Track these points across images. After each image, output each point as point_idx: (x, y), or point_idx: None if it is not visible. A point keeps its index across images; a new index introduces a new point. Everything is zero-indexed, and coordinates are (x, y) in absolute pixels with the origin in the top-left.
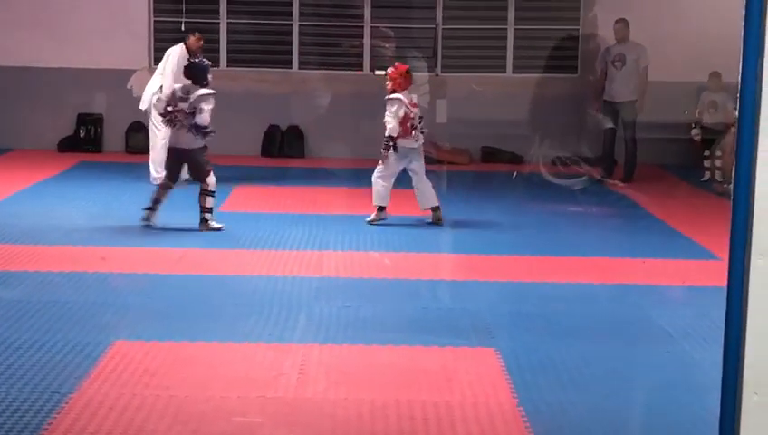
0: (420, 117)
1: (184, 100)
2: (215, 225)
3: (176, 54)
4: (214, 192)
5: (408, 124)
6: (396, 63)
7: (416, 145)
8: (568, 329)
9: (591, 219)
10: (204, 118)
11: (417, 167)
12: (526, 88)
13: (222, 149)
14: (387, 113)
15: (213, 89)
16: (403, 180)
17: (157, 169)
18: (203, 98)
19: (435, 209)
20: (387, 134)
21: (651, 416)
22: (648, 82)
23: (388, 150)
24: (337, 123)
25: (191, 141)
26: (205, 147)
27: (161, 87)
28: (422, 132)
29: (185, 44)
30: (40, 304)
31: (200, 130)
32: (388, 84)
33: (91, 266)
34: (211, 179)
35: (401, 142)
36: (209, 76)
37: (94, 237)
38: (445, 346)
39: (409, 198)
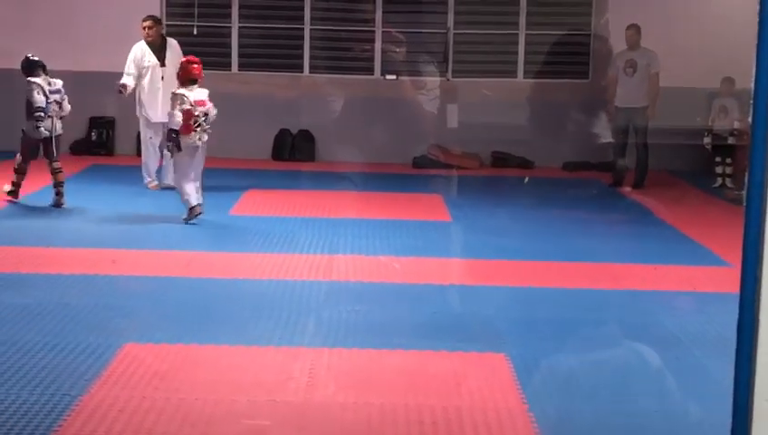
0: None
1: None
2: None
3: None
4: None
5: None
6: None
7: (199, 143)
8: (578, 335)
9: (602, 225)
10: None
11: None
12: (537, 93)
13: (233, 152)
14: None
15: (225, 93)
16: (409, 184)
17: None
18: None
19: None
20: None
21: (661, 422)
22: (660, 88)
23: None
24: (348, 127)
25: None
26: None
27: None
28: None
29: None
30: (50, 306)
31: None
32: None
33: (101, 269)
34: None
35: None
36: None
37: (105, 240)
38: (454, 351)
39: (419, 202)
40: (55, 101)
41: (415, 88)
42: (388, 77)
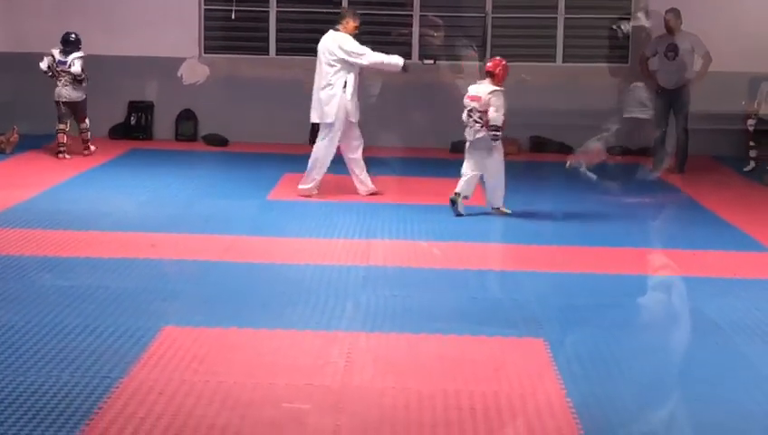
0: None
1: None
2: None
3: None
4: None
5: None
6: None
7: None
8: (617, 320)
9: (642, 210)
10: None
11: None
12: (576, 77)
13: (270, 137)
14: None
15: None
16: (447, 169)
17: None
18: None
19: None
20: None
21: (700, 409)
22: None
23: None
24: (385, 112)
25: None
26: None
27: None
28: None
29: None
30: (91, 289)
31: None
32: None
33: (141, 253)
34: None
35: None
36: None
37: (144, 224)
38: (493, 336)
39: (454, 186)
40: (63, 70)
41: (453, 72)
42: (426, 61)
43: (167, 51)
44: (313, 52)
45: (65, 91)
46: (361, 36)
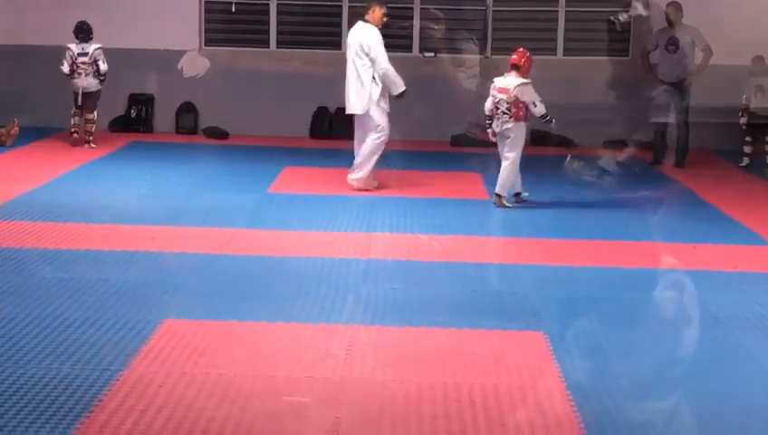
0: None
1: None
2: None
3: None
4: None
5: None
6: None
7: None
8: (616, 313)
9: (642, 204)
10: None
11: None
12: (577, 70)
13: (271, 130)
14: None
15: (263, 70)
16: (447, 162)
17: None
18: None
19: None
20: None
21: (700, 402)
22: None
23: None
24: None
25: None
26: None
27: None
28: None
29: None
30: (91, 282)
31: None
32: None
33: (141, 246)
34: None
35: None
36: None
37: (145, 217)
38: (492, 329)
39: (457, 180)
40: (83, 63)
41: (453, 66)
42: (427, 54)
43: (167, 43)
44: (314, 44)
45: (86, 82)
46: None
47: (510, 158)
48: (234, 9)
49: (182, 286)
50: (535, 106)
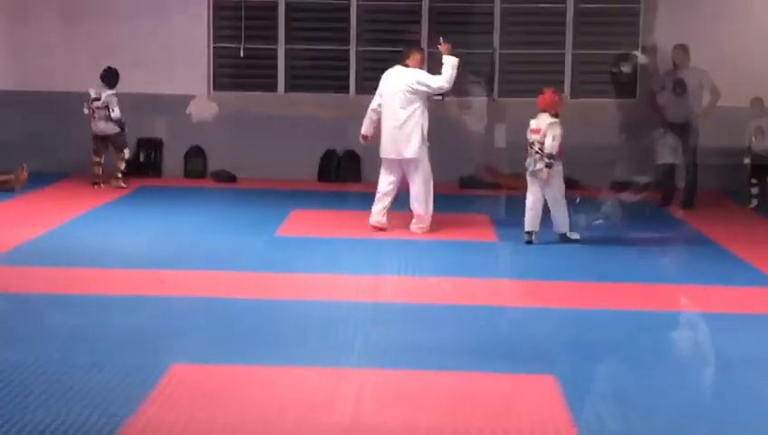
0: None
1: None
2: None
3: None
4: None
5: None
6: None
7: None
8: (628, 357)
9: (651, 245)
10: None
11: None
12: (584, 112)
13: (279, 173)
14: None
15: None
16: (456, 204)
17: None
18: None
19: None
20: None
21: None
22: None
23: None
24: None
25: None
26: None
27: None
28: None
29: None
30: (99, 326)
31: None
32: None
33: (150, 290)
34: None
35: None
36: None
37: (153, 261)
38: (503, 373)
39: (466, 222)
40: (97, 107)
41: (461, 108)
42: (435, 97)
43: (176, 88)
44: (322, 88)
45: (100, 126)
46: (371, 73)
47: (552, 199)
48: (242, 54)
49: (190, 330)
50: (552, 141)
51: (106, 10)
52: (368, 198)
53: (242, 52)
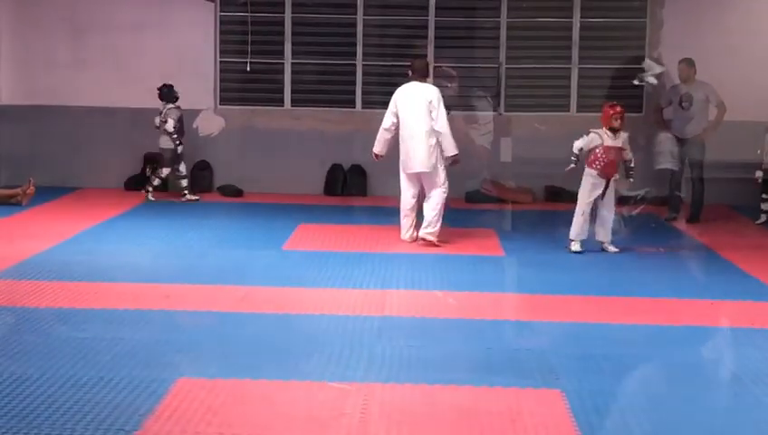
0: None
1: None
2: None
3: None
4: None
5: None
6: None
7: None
8: (634, 371)
9: (658, 259)
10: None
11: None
12: (591, 127)
13: (285, 187)
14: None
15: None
16: (462, 218)
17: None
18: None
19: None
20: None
21: None
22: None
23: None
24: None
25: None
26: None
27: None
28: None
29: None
30: (105, 341)
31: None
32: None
33: (155, 304)
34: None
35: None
36: None
37: (159, 275)
38: (509, 387)
39: (472, 237)
40: (160, 121)
41: (467, 122)
42: None
43: (182, 103)
44: (328, 102)
45: (161, 139)
46: (377, 87)
47: (608, 204)
48: (249, 68)
49: (196, 345)
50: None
51: (113, 25)
52: (374, 212)
53: (248, 66)
